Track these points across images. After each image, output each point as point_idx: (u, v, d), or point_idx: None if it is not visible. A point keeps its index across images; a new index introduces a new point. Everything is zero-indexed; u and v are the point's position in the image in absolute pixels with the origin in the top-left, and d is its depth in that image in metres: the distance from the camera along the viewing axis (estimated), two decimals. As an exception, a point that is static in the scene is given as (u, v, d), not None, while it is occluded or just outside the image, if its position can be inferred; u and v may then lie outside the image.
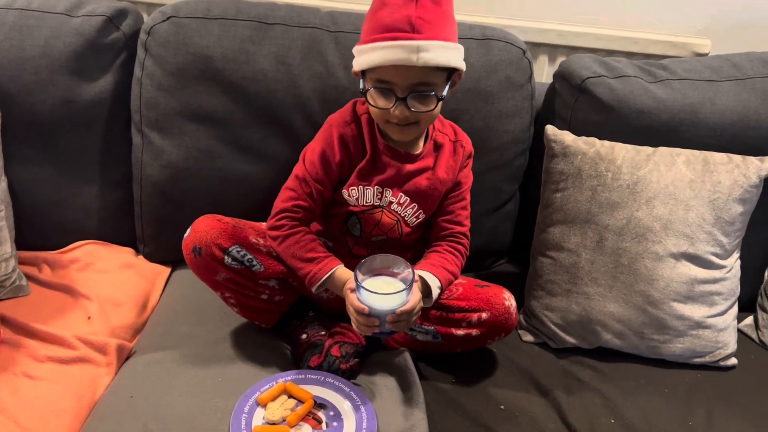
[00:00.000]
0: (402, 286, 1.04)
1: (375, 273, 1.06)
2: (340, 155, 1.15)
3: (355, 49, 1.09)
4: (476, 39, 1.37)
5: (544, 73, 1.77)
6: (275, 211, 1.17)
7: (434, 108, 1.08)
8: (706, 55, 1.70)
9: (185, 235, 1.15)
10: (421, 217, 1.21)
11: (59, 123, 1.35)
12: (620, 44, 1.72)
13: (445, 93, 1.08)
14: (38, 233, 1.41)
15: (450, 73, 1.09)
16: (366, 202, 1.18)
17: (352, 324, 1.08)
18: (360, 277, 1.03)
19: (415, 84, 1.05)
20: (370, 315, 1.04)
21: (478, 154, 1.37)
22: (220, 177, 1.37)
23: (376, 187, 1.17)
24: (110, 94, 1.36)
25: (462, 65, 1.09)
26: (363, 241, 1.22)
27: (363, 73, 1.09)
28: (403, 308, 1.04)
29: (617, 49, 1.71)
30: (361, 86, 1.10)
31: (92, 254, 1.41)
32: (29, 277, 1.33)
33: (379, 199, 1.18)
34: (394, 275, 1.06)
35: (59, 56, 1.31)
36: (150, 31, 1.32)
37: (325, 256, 1.13)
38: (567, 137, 1.34)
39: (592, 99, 1.36)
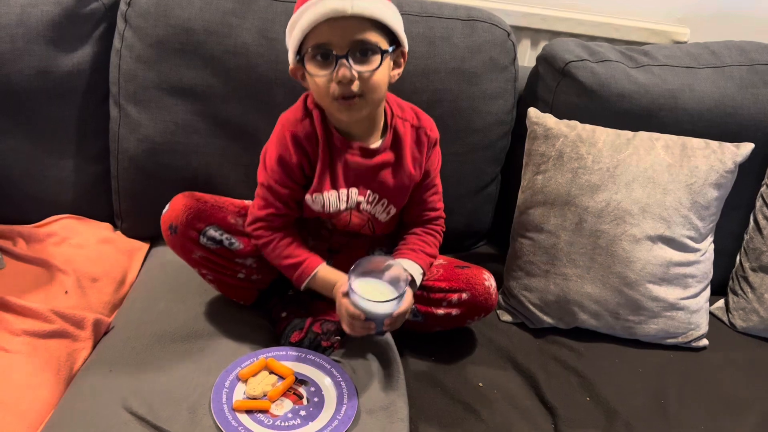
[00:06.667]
0: (393, 290, 1.04)
1: (365, 273, 1.06)
2: (296, 156, 1.09)
3: (287, 29, 1.03)
4: (461, 19, 1.36)
5: (526, 57, 1.79)
6: (250, 218, 1.14)
7: (378, 66, 1.00)
8: (685, 43, 1.72)
9: (164, 211, 1.14)
10: (392, 211, 1.19)
11: (35, 94, 1.31)
12: (602, 30, 1.74)
13: (387, 59, 1.01)
14: (13, 206, 1.38)
15: (391, 39, 1.03)
16: (332, 209, 1.14)
17: (345, 327, 1.08)
18: (354, 285, 1.03)
19: (354, 41, 0.98)
20: (366, 319, 1.05)
21: (462, 134, 1.38)
22: (198, 152, 1.35)
23: (341, 190, 1.13)
24: (88, 65, 1.33)
25: (403, 37, 1.04)
26: (339, 233, 1.21)
27: (299, 53, 1.02)
28: (398, 311, 1.04)
29: (599, 35, 1.73)
30: (299, 60, 1.03)
31: (69, 229, 1.38)
32: (4, 251, 1.30)
33: (345, 201, 1.14)
34: (383, 273, 1.06)
35: (36, 25, 1.28)
36: (130, 2, 1.29)
37: (304, 259, 1.11)
38: (549, 120, 1.35)
39: (574, 82, 1.37)
